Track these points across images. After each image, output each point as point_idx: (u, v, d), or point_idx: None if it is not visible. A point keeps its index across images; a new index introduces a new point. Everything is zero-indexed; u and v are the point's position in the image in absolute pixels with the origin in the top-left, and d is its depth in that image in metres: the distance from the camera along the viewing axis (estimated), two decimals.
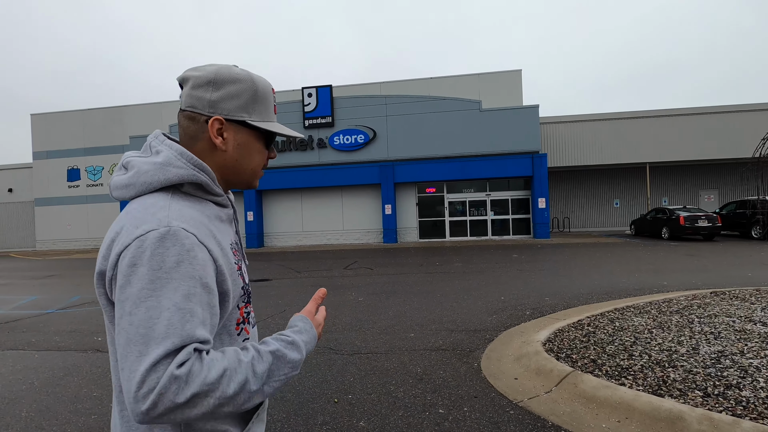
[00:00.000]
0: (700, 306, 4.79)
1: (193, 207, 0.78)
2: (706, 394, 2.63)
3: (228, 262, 0.79)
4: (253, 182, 0.90)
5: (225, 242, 0.81)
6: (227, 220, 0.87)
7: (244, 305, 0.86)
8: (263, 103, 0.86)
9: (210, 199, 0.83)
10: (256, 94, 0.85)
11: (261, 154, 0.88)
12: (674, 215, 15.35)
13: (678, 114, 20.03)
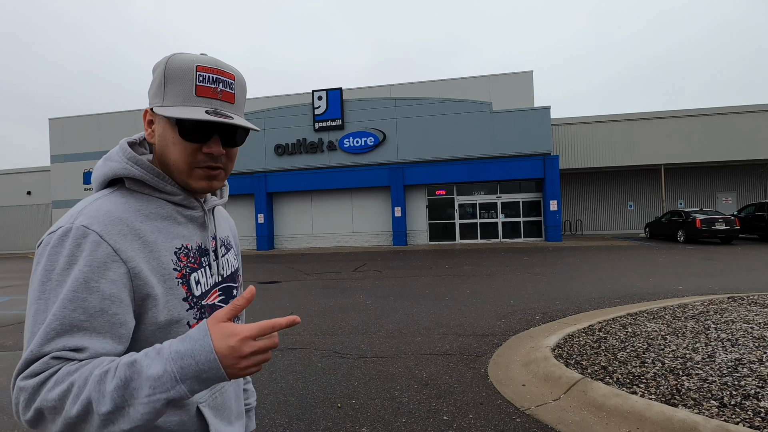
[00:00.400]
0: (717, 312, 4.65)
1: (127, 203, 0.72)
2: (722, 404, 2.53)
3: (158, 265, 0.70)
4: (186, 181, 0.76)
5: (163, 244, 0.72)
6: (190, 221, 0.79)
7: (196, 322, 0.74)
8: (175, 85, 0.72)
9: (160, 196, 0.76)
10: (166, 76, 0.72)
11: (177, 147, 0.73)
12: (690, 218, 15.01)
13: (694, 114, 19.62)
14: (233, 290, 0.88)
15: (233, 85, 0.75)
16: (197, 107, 0.72)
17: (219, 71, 0.74)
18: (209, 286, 0.80)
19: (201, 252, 0.80)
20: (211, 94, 0.73)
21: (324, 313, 5.91)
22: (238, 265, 0.94)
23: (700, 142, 19.36)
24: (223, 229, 0.92)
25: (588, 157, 20.33)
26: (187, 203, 0.79)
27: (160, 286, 0.70)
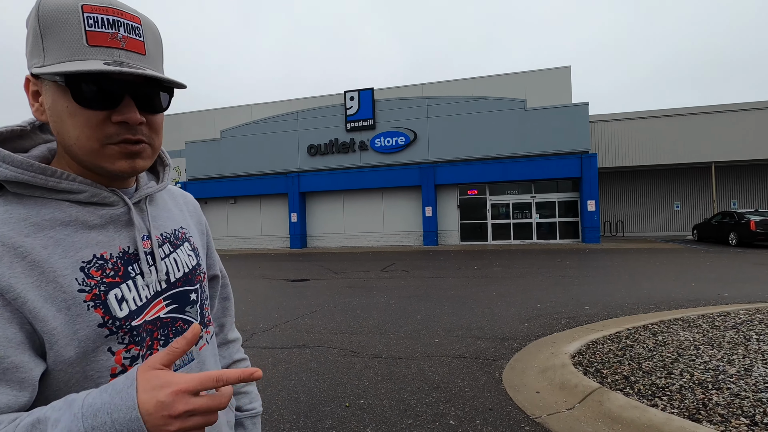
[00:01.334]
0: (762, 321, 4.30)
1: (8, 213, 0.56)
2: (752, 422, 2.34)
3: (54, 290, 0.54)
4: (98, 164, 0.58)
5: (60, 261, 0.56)
6: (108, 222, 0.62)
7: (124, 348, 0.59)
8: (56, 34, 0.54)
9: (59, 197, 0.59)
10: (41, 24, 0.54)
11: (76, 119, 0.56)
12: (744, 219, 13.98)
13: (748, 109, 18.22)
14: (190, 294, 0.71)
15: (140, 30, 0.58)
16: (93, 60, 0.54)
17: (116, 11, 0.56)
18: (144, 299, 0.63)
19: (127, 258, 0.63)
20: (111, 42, 0.55)
21: (346, 312, 5.96)
22: (197, 261, 0.75)
23: (755, 138, 17.96)
24: (171, 217, 0.75)
25: (630, 155, 19.35)
26: (98, 200, 0.61)
27: (61, 316, 0.54)
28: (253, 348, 4.44)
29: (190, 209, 0.83)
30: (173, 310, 0.68)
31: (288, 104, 23.01)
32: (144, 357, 0.62)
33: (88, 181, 0.61)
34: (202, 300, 0.75)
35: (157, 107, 0.61)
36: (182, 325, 0.69)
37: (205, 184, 21.10)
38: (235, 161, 20.72)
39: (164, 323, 0.66)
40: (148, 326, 0.63)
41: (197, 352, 0.72)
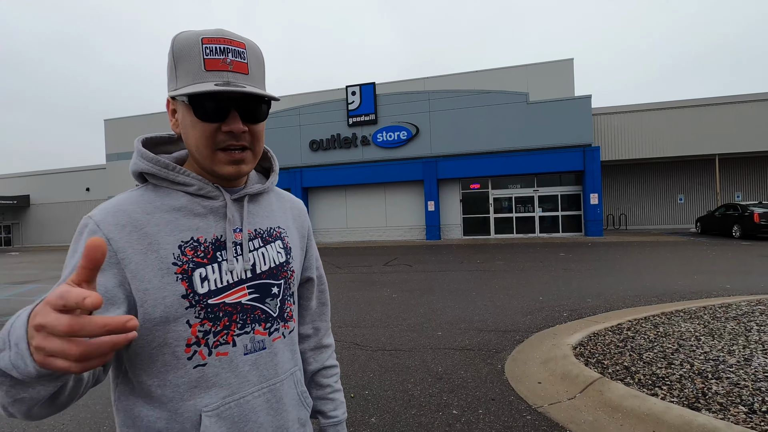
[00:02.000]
0: (764, 313, 4.32)
1: (142, 197, 0.71)
2: (751, 411, 2.37)
3: (156, 258, 0.67)
4: (211, 168, 0.71)
5: (170, 234, 0.69)
6: (210, 212, 0.73)
7: (199, 322, 0.68)
8: (184, 64, 0.68)
9: (178, 188, 0.73)
10: (174, 57, 0.69)
11: (195, 129, 0.69)
12: (747, 212, 13.93)
13: (752, 101, 18.08)
14: (272, 288, 0.77)
15: (245, 54, 0.69)
16: (208, 82, 0.66)
17: (226, 40, 0.68)
18: (225, 283, 0.71)
19: (216, 245, 0.72)
20: (221, 66, 0.67)
21: (349, 306, 6.02)
22: (287, 259, 0.82)
23: (760, 129, 17.84)
24: (270, 217, 0.83)
25: (633, 148, 19.27)
26: (205, 193, 0.73)
27: (155, 281, 0.66)
28: None
29: (295, 213, 0.91)
30: (255, 299, 0.75)
31: (290, 99, 22.99)
32: (217, 334, 0.70)
33: (199, 177, 0.73)
34: (285, 295, 0.80)
35: (257, 118, 0.72)
36: (260, 314, 0.75)
37: None
38: None
39: (245, 309, 0.73)
40: (227, 308, 0.71)
41: (270, 342, 0.76)
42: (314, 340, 0.96)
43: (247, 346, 0.73)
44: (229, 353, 0.71)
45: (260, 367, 0.74)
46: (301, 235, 0.90)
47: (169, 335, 0.67)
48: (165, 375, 0.68)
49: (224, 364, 0.71)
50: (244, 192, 0.78)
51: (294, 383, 0.81)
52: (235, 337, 0.72)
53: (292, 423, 0.80)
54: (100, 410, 2.98)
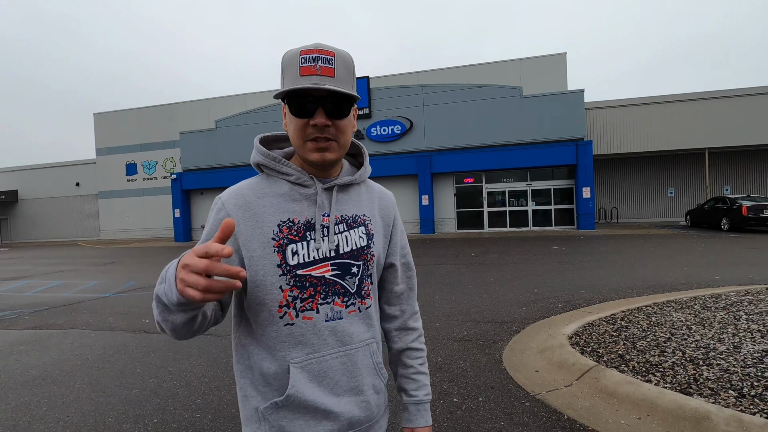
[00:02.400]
0: (752, 302, 4.45)
1: (257, 183, 0.90)
2: (740, 395, 2.47)
3: (260, 233, 0.84)
4: (303, 156, 0.87)
5: (272, 214, 0.86)
6: (304, 198, 0.88)
7: (290, 288, 0.84)
8: (287, 72, 0.83)
9: (282, 177, 0.89)
10: (282, 68, 0.85)
11: (292, 124, 0.85)
12: (736, 205, 14.18)
13: (742, 95, 18.35)
14: (352, 267, 0.89)
15: (333, 60, 0.82)
16: (300, 85, 0.80)
17: (318, 51, 0.82)
18: (312, 258, 0.85)
19: (307, 226, 0.87)
20: (312, 72, 0.81)
21: None
22: (367, 243, 0.93)
23: (749, 123, 18.12)
24: (356, 206, 0.95)
25: (624, 142, 19.48)
26: (301, 182, 0.89)
27: (259, 250, 0.84)
28: None
29: (382, 204, 1.01)
30: (336, 275, 0.88)
31: None
32: (303, 301, 0.85)
33: (298, 168, 0.89)
34: (363, 275, 0.92)
35: (340, 114, 0.84)
36: (340, 289, 0.89)
37: (200, 175, 21.02)
38: (230, 151, 20.62)
39: (327, 282, 0.87)
40: (312, 279, 0.86)
41: (346, 314, 0.89)
42: (399, 321, 1.05)
43: (328, 315, 0.87)
44: (313, 318, 0.86)
45: (338, 334, 0.88)
46: (386, 223, 1.01)
47: (266, 296, 0.84)
48: (265, 328, 0.86)
49: (308, 326, 0.85)
50: (334, 182, 0.91)
51: (369, 353, 0.93)
52: (318, 305, 0.86)
53: (366, 387, 0.92)
54: (103, 402, 3.01)
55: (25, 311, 6.26)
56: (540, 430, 2.41)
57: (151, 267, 11.26)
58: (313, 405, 0.85)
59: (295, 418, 0.85)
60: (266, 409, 0.86)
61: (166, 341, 4.44)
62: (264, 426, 0.87)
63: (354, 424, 0.90)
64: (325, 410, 0.86)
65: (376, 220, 0.98)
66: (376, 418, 0.96)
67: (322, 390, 0.86)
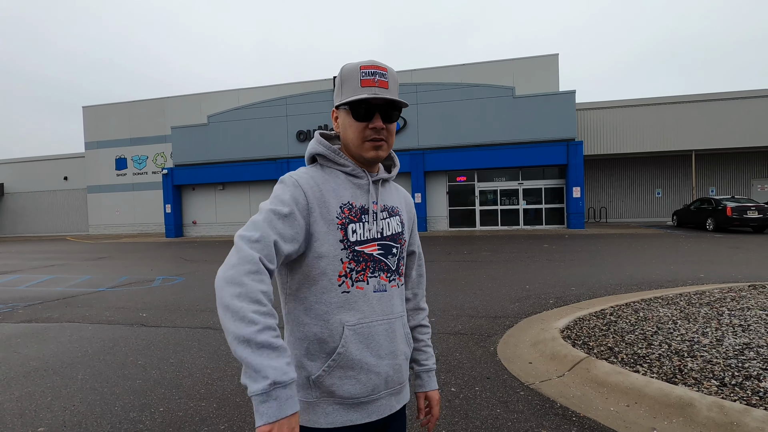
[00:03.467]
0: (734, 299, 4.63)
1: (317, 172, 1.03)
2: (722, 384, 2.61)
3: (326, 212, 0.98)
4: (360, 153, 1.02)
5: (334, 198, 0.99)
6: (357, 187, 1.03)
7: (348, 261, 0.98)
8: (347, 83, 0.99)
9: (338, 168, 1.04)
10: (341, 80, 1.01)
11: (352, 127, 1.00)
12: (721, 205, 14.55)
13: (729, 98, 18.78)
14: (393, 248, 1.06)
15: (386, 75, 1.00)
16: (362, 95, 0.96)
17: (376, 67, 0.99)
18: (366, 237, 1.01)
19: (362, 210, 1.02)
20: (371, 84, 0.97)
21: None
22: (402, 230, 1.10)
23: (735, 126, 18.56)
24: (392, 199, 1.12)
25: (614, 142, 19.81)
26: (355, 173, 1.04)
27: (324, 227, 0.97)
28: None
29: (407, 202, 1.19)
30: (381, 254, 1.04)
31: (276, 89, 22.78)
32: (358, 272, 1.00)
33: (352, 162, 1.05)
34: (400, 256, 1.09)
35: (391, 119, 1.02)
36: (384, 265, 1.04)
37: (192, 170, 20.88)
38: (222, 147, 20.51)
39: (374, 259, 1.02)
40: (365, 256, 1.01)
41: (389, 287, 1.04)
42: (413, 303, 1.21)
43: (375, 287, 1.01)
44: (364, 288, 1.00)
45: (383, 304, 1.03)
46: (409, 218, 1.18)
47: (328, 267, 0.97)
48: (322, 295, 0.98)
49: (360, 295, 0.99)
50: (380, 177, 1.09)
51: (402, 324, 1.09)
52: (369, 278, 1.01)
53: (400, 353, 1.06)
54: (108, 392, 3.06)
55: (19, 305, 6.24)
56: (535, 416, 2.53)
57: (143, 262, 11.21)
58: (359, 364, 0.98)
59: (343, 379, 0.97)
60: (318, 377, 0.97)
61: (165, 335, 4.49)
62: (314, 392, 0.98)
63: (389, 383, 1.03)
64: (369, 369, 0.99)
65: (404, 212, 1.15)
66: (404, 382, 1.10)
67: (369, 352, 0.99)
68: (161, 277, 8.50)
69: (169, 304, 5.98)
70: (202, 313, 5.35)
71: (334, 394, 0.97)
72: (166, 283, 7.78)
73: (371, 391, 1.00)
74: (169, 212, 21.18)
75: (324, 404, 0.98)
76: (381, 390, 1.01)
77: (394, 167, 1.16)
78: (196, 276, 8.46)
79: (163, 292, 6.91)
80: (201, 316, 5.20)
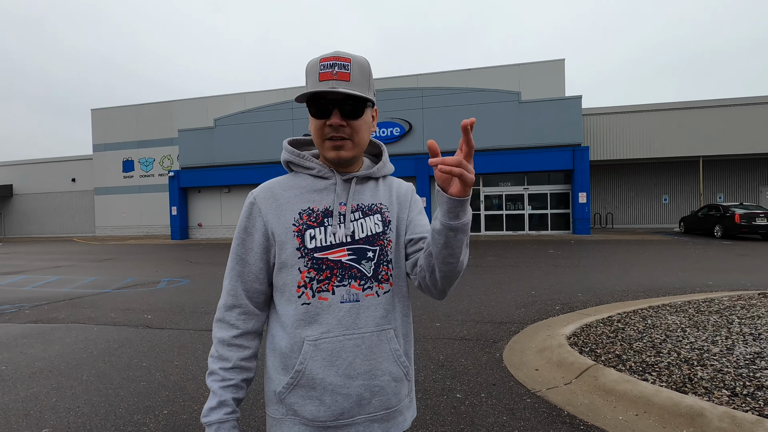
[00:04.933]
0: (744, 307, 4.57)
1: (285, 179, 0.99)
2: (733, 394, 2.57)
3: (283, 220, 0.93)
4: (323, 153, 0.95)
5: (292, 206, 0.94)
6: (324, 189, 0.96)
7: (307, 270, 0.90)
8: (309, 78, 0.90)
9: (305, 172, 0.98)
10: (305, 74, 0.92)
11: (312, 125, 0.93)
12: (729, 212, 14.41)
13: (737, 104, 18.62)
14: (368, 252, 0.93)
15: (348, 66, 0.88)
16: (318, 89, 0.87)
17: (336, 57, 0.88)
18: (329, 242, 0.91)
19: (325, 213, 0.94)
20: (329, 77, 0.87)
21: None
22: (383, 230, 0.96)
23: (743, 132, 18.39)
24: (371, 197, 0.99)
25: (620, 148, 19.70)
26: (322, 174, 0.97)
27: (283, 234, 0.92)
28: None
29: (400, 192, 1.05)
30: (352, 259, 0.93)
31: (282, 93, 22.89)
32: (320, 282, 0.90)
33: (319, 162, 0.98)
34: (380, 260, 0.95)
35: (355, 114, 0.91)
36: (356, 272, 0.93)
37: (198, 173, 21.00)
38: (228, 150, 20.63)
39: (344, 266, 0.92)
40: (329, 263, 0.91)
41: (363, 297, 0.92)
42: None
43: (344, 296, 0.91)
44: (329, 299, 0.90)
45: (353, 316, 0.91)
46: (402, 207, 1.03)
47: (288, 277, 0.92)
48: (286, 307, 0.93)
49: (324, 306, 0.90)
50: (353, 175, 0.99)
51: (386, 339, 0.94)
52: (334, 287, 0.91)
53: (382, 374, 0.92)
54: (112, 394, 3.06)
55: (26, 305, 6.27)
56: (541, 425, 2.50)
57: (148, 264, 11.26)
58: (321, 384, 0.88)
59: (305, 399, 0.89)
60: (281, 392, 0.92)
61: (169, 337, 4.49)
62: (281, 408, 0.92)
63: (367, 408, 0.91)
64: (335, 391, 0.88)
65: (393, 207, 1.01)
66: (397, 408, 0.95)
67: (335, 370, 0.88)
68: (166, 279, 8.52)
69: (173, 306, 5.99)
70: (206, 316, 5.35)
71: (297, 414, 0.90)
72: (171, 285, 7.80)
73: (338, 415, 0.89)
74: (174, 214, 21.30)
75: (290, 422, 0.91)
76: (355, 414, 0.90)
77: (380, 161, 1.04)
78: (201, 278, 8.48)
79: (168, 294, 6.92)
80: (205, 319, 5.20)
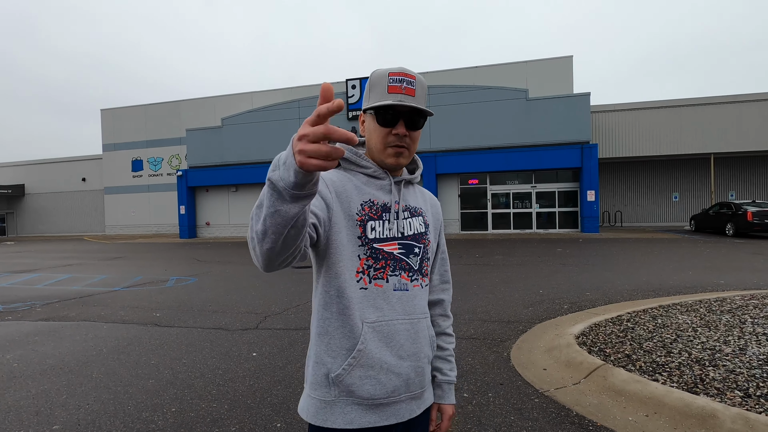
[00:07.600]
0: (757, 306, 4.49)
1: (339, 173, 1.04)
2: (746, 395, 2.52)
3: (347, 208, 0.98)
4: (382, 159, 1.03)
5: (356, 194, 1.00)
6: (379, 188, 1.04)
7: (366, 258, 0.98)
8: (375, 89, 0.99)
9: (359, 170, 1.05)
10: (370, 85, 1.01)
11: (376, 132, 1.01)
12: (741, 210, 14.18)
13: (747, 101, 18.31)
14: (415, 248, 1.05)
15: (414, 83, 0.99)
16: (388, 101, 0.96)
17: (404, 74, 0.98)
18: (385, 236, 1.00)
19: (384, 208, 1.02)
20: (398, 90, 0.97)
21: None
22: (425, 231, 1.09)
23: (755, 129, 18.08)
24: (415, 200, 1.12)
25: (630, 145, 19.47)
26: (377, 175, 1.05)
27: (344, 220, 0.97)
28: (268, 329, 4.62)
29: (433, 203, 1.20)
30: (402, 253, 1.03)
31: (289, 92, 22.95)
32: (376, 270, 0.99)
33: (374, 164, 1.05)
34: (423, 256, 1.08)
35: (415, 126, 1.01)
36: (406, 265, 1.03)
37: (206, 172, 21.13)
38: (236, 149, 20.73)
39: (395, 258, 1.02)
40: (384, 254, 1.00)
41: (411, 287, 1.03)
42: (440, 309, 1.20)
43: (396, 285, 1.00)
44: (383, 286, 0.99)
45: (404, 303, 1.01)
46: (435, 226, 1.17)
47: (347, 262, 0.97)
48: (343, 291, 0.97)
49: (379, 292, 0.99)
50: (402, 178, 1.09)
51: (427, 326, 1.07)
52: (388, 276, 1.00)
53: (423, 356, 1.05)
54: (121, 391, 3.09)
55: (37, 303, 6.36)
56: (550, 425, 2.48)
57: (157, 262, 11.36)
58: (379, 363, 0.96)
59: (363, 378, 0.95)
60: (338, 375, 0.95)
61: (178, 335, 4.52)
62: (333, 390, 0.97)
63: (410, 386, 1.01)
64: (389, 370, 0.97)
65: (428, 213, 1.15)
66: (426, 386, 1.07)
67: (390, 351, 0.98)
68: (175, 277, 8.59)
69: (182, 304, 6.03)
70: (214, 314, 5.38)
71: (353, 394, 0.95)
72: (180, 283, 7.86)
73: (391, 392, 0.98)
74: (183, 213, 21.47)
75: (342, 404, 0.96)
76: (401, 392, 1.00)
77: (418, 169, 1.16)
78: (209, 277, 8.54)
79: (177, 292, 6.98)
80: (213, 317, 5.23)
